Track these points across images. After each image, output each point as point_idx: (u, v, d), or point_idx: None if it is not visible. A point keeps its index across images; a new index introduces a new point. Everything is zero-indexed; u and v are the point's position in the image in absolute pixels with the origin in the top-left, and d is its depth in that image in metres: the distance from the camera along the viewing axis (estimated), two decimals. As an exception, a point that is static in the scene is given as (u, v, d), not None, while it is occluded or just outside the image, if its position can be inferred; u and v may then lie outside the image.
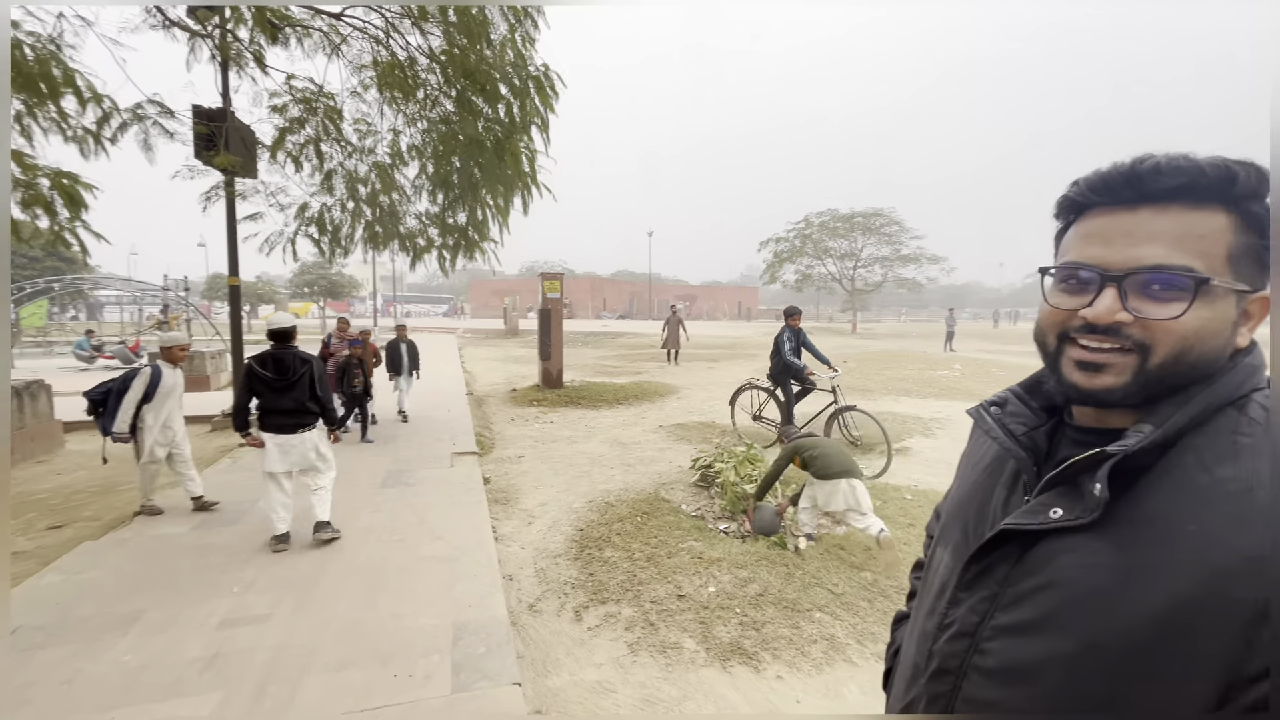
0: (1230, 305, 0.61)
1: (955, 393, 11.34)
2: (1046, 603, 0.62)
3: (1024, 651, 0.63)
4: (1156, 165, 0.62)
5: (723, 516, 4.53)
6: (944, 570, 0.78)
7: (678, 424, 8.10)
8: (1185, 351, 0.61)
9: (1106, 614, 0.57)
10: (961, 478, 0.87)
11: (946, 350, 21.85)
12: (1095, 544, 0.60)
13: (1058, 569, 0.62)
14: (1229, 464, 0.57)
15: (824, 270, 38.27)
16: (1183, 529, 0.56)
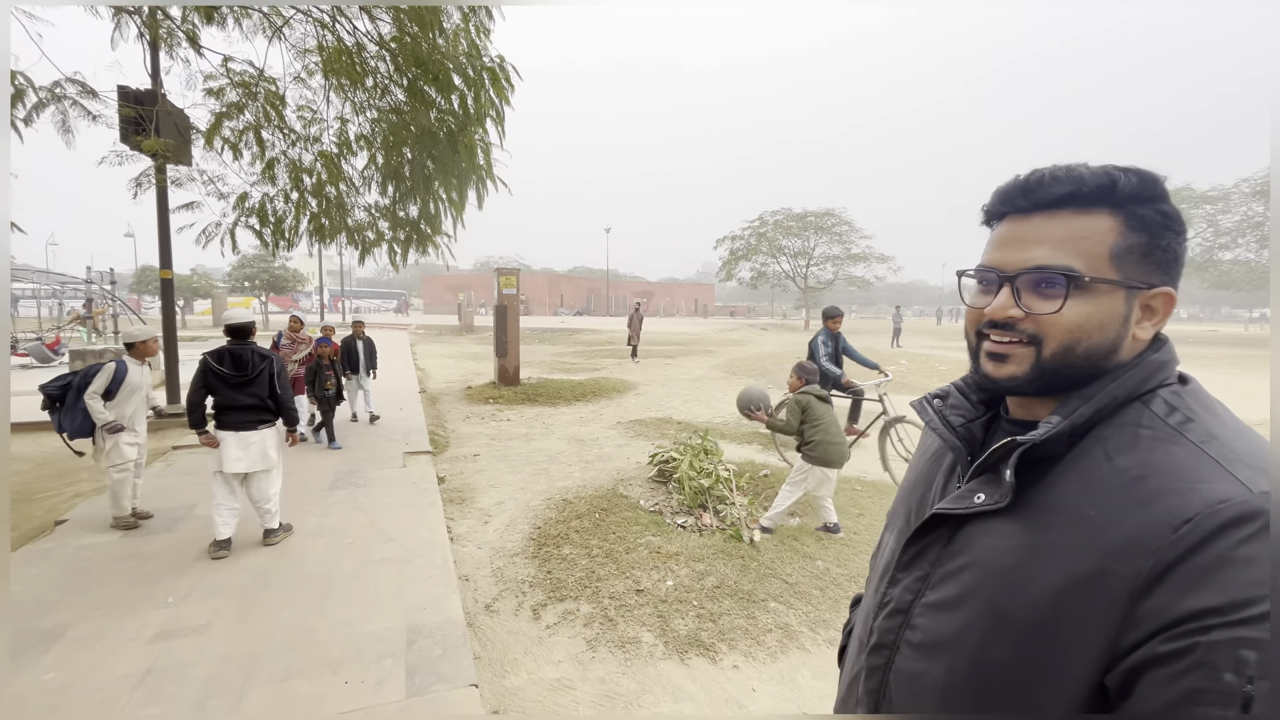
0: (1117, 301, 0.66)
1: (902, 388, 11.77)
2: (966, 581, 0.68)
3: (945, 626, 0.69)
4: (1043, 177, 0.68)
5: (680, 511, 4.58)
6: (888, 553, 0.84)
7: (636, 420, 8.13)
8: (1073, 343, 0.66)
9: (1014, 590, 0.62)
10: (912, 466, 0.92)
11: (894, 346, 22.69)
12: (1009, 527, 0.65)
13: (977, 550, 0.68)
14: (1128, 454, 0.61)
15: (778, 268, 39.04)
16: (1083, 513, 0.60)
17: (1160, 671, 0.52)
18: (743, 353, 19.22)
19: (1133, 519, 0.57)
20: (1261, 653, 0.48)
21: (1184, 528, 0.53)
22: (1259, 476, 0.55)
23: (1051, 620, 0.59)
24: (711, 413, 8.93)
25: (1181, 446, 0.60)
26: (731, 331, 31.76)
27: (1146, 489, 0.58)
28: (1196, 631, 0.50)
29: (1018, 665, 0.61)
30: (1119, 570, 0.55)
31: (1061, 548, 0.60)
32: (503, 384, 10.76)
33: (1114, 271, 0.66)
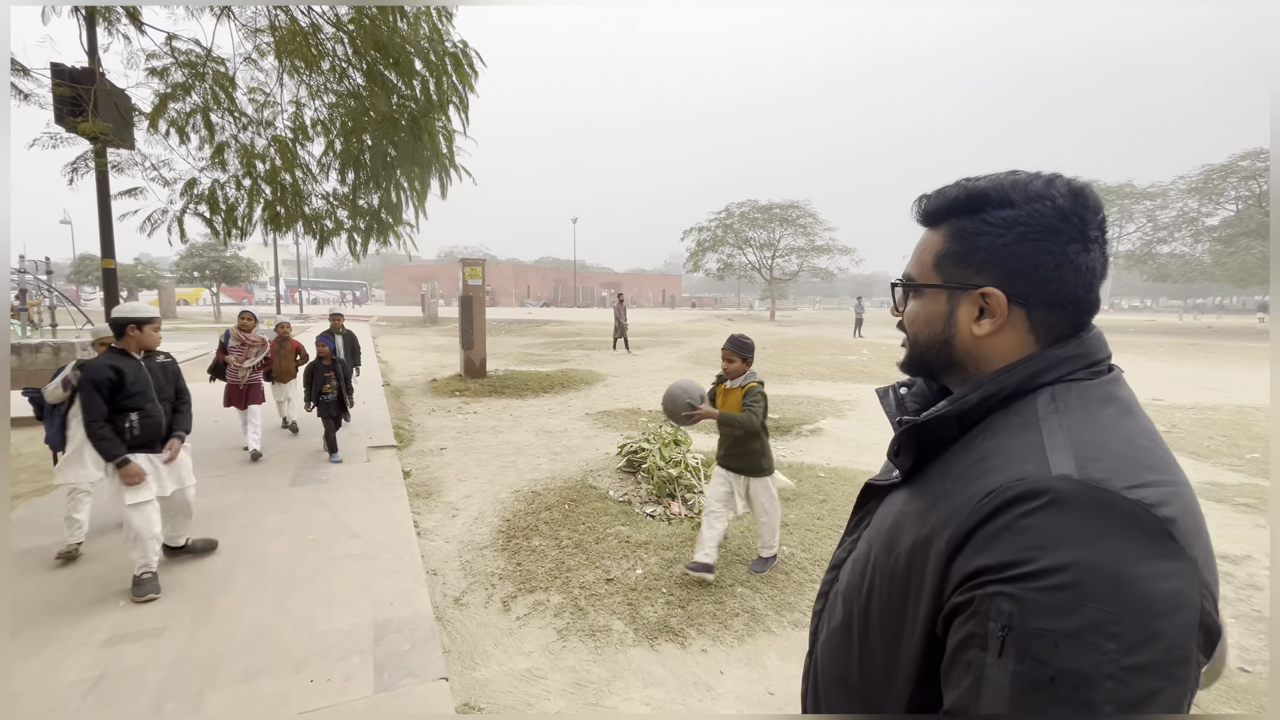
0: (939, 301, 0.77)
1: (863, 376, 12.10)
2: (868, 539, 0.81)
3: (853, 577, 0.81)
4: (919, 201, 0.82)
5: (649, 500, 4.62)
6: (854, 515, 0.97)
7: (604, 411, 8.14)
8: (915, 336, 0.81)
9: (889, 548, 0.74)
10: None
11: (856, 336, 23.20)
12: (899, 495, 0.78)
13: (880, 515, 0.81)
14: (994, 439, 0.68)
15: (744, 259, 39.43)
16: (939, 486, 0.71)
17: (955, 620, 0.61)
18: (709, 343, 19.39)
19: (960, 493, 0.66)
20: (1015, 605, 0.56)
21: (984, 499, 0.62)
22: (1067, 461, 0.60)
23: (905, 574, 0.70)
24: (679, 403, 9.01)
25: (1029, 433, 0.65)
26: (698, 322, 31.98)
27: (981, 468, 0.66)
28: (977, 586, 0.59)
29: (885, 610, 0.73)
30: (941, 534, 0.65)
31: (917, 515, 0.71)
32: (469, 376, 10.62)
33: (935, 276, 0.77)
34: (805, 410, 8.39)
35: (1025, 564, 0.57)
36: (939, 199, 0.78)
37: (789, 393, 9.96)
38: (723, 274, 39.44)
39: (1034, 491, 0.59)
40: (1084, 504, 0.58)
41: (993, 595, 0.57)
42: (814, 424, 7.57)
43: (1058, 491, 0.58)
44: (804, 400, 9.19)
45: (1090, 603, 0.54)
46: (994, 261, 0.72)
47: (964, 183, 0.77)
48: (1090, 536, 0.56)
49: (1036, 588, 0.55)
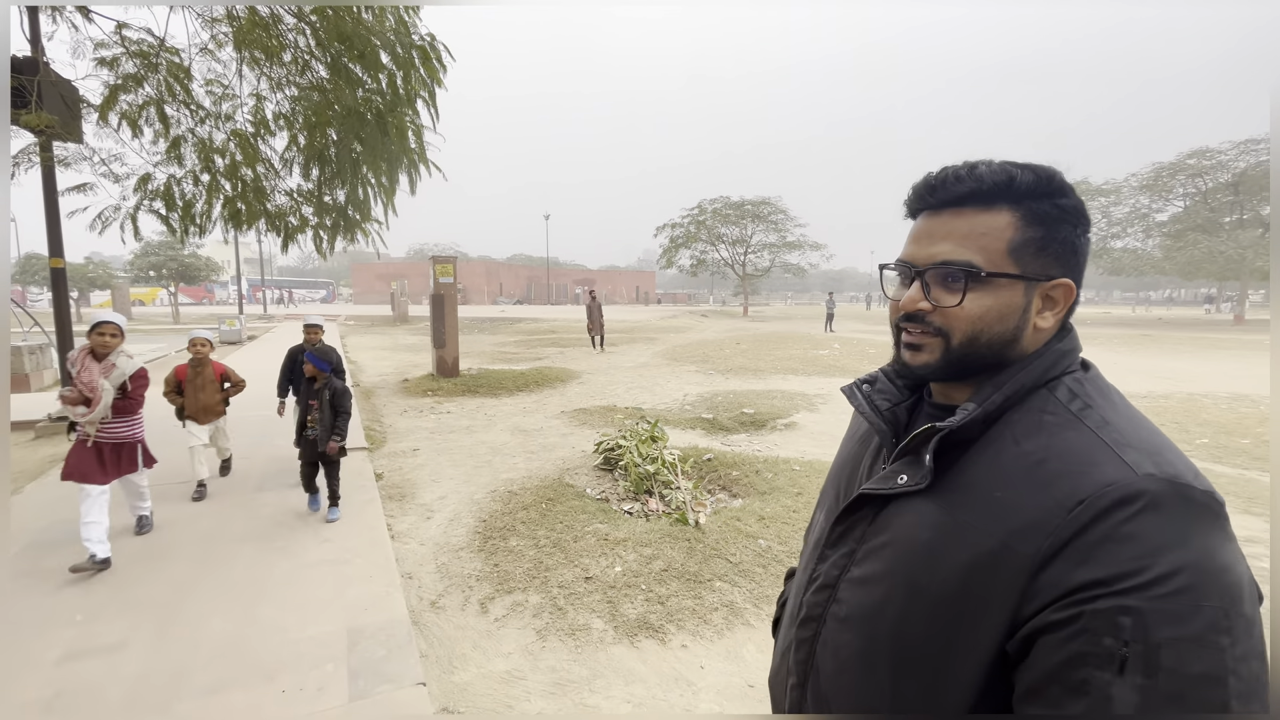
0: (1016, 293, 0.69)
1: (835, 370, 12.28)
2: (887, 557, 0.72)
3: (868, 599, 0.73)
4: (947, 176, 0.72)
5: (627, 497, 4.62)
6: (818, 530, 0.88)
7: (580, 409, 8.11)
8: (976, 334, 0.70)
9: (928, 566, 0.67)
10: (841, 447, 0.96)
11: (827, 331, 23.55)
12: (926, 506, 0.69)
13: (897, 528, 0.72)
14: (1033, 439, 0.66)
15: (717, 255, 39.67)
16: (991, 495, 0.65)
17: (1051, 637, 0.57)
18: (684, 339, 19.48)
19: (1034, 500, 0.61)
20: (1135, 619, 0.53)
21: (1077, 509, 0.58)
22: (1144, 459, 0.60)
23: (960, 594, 0.64)
24: (655, 399, 9.03)
25: (1078, 431, 0.65)
26: (672, 319, 32.10)
27: (1047, 471, 0.62)
28: (1083, 601, 0.55)
29: (930, 635, 0.66)
30: (1020, 548, 0.60)
31: (971, 527, 0.64)
32: (441, 376, 10.46)
33: (1012, 265, 0.69)
34: (779, 405, 8.48)
35: (1139, 573, 0.55)
36: (1000, 175, 0.69)
37: (764, 387, 10.06)
38: (696, 270, 39.62)
39: (1130, 496, 0.57)
40: (1175, 502, 0.57)
41: (1108, 610, 0.54)
42: (788, 418, 7.65)
43: (1152, 493, 0.57)
44: (778, 395, 9.29)
45: (1205, 603, 0.54)
46: (1068, 251, 0.71)
47: (1020, 164, 0.70)
48: (1187, 535, 0.56)
49: (1157, 596, 0.54)
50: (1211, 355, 14.94)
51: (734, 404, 8.43)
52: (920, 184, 0.75)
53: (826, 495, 0.91)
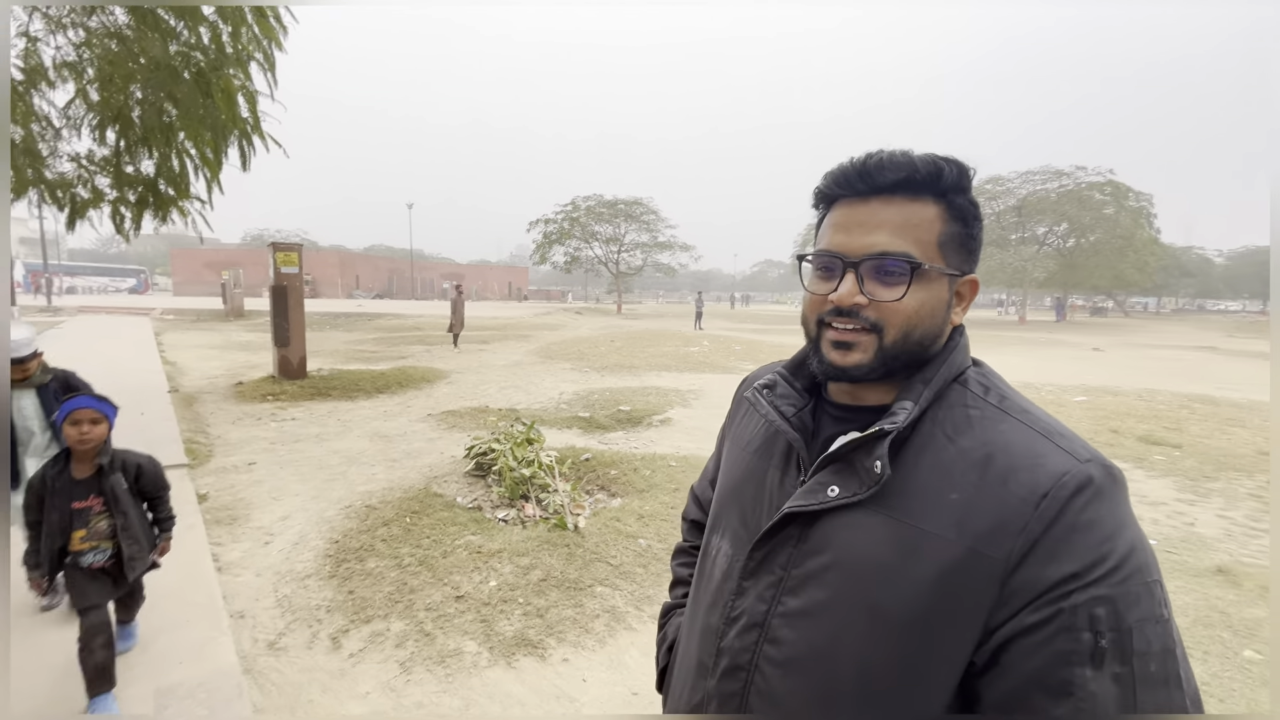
0: (943, 288, 0.68)
1: (705, 366, 12.80)
2: (833, 582, 0.64)
3: (815, 634, 0.64)
4: (881, 161, 0.67)
5: (501, 504, 4.38)
6: (724, 560, 0.77)
7: (449, 411, 7.62)
8: (911, 330, 0.67)
9: (891, 586, 0.61)
10: (731, 461, 0.86)
11: (696, 328, 24.56)
12: (871, 519, 0.63)
13: (841, 546, 0.64)
14: (966, 434, 0.64)
15: (591, 253, 39.77)
16: (945, 498, 0.61)
17: (1028, 640, 0.55)
18: (558, 337, 19.24)
19: (994, 500, 0.58)
20: (1108, 608, 0.53)
21: (1043, 503, 0.56)
22: (1077, 446, 0.61)
23: (928, 611, 0.59)
24: (530, 399, 8.76)
25: (1009, 424, 0.63)
26: (546, 316, 31.64)
27: (998, 468, 0.60)
28: (1060, 598, 0.54)
29: (900, 663, 0.60)
30: (990, 553, 0.57)
31: (933, 536, 0.60)
32: (285, 378, 9.29)
33: (941, 259, 0.67)
34: (654, 401, 8.62)
35: (1104, 561, 0.54)
36: (932, 166, 0.66)
37: (639, 384, 10.19)
38: (570, 267, 39.42)
39: (1082, 483, 0.57)
40: (1112, 484, 0.59)
41: (1085, 603, 0.53)
42: (663, 414, 7.79)
43: (1097, 479, 0.58)
44: (653, 391, 9.45)
45: (1150, 578, 0.56)
46: (977, 247, 0.72)
47: (944, 157, 0.68)
48: (1126, 515, 0.58)
49: (1120, 581, 0.54)
50: (1000, 349, 17.75)
51: (610, 401, 8.42)
52: (848, 169, 0.69)
53: (727, 519, 0.80)
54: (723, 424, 0.99)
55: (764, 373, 0.85)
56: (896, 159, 0.67)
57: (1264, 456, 6.02)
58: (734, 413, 0.94)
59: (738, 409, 0.93)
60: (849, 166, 0.69)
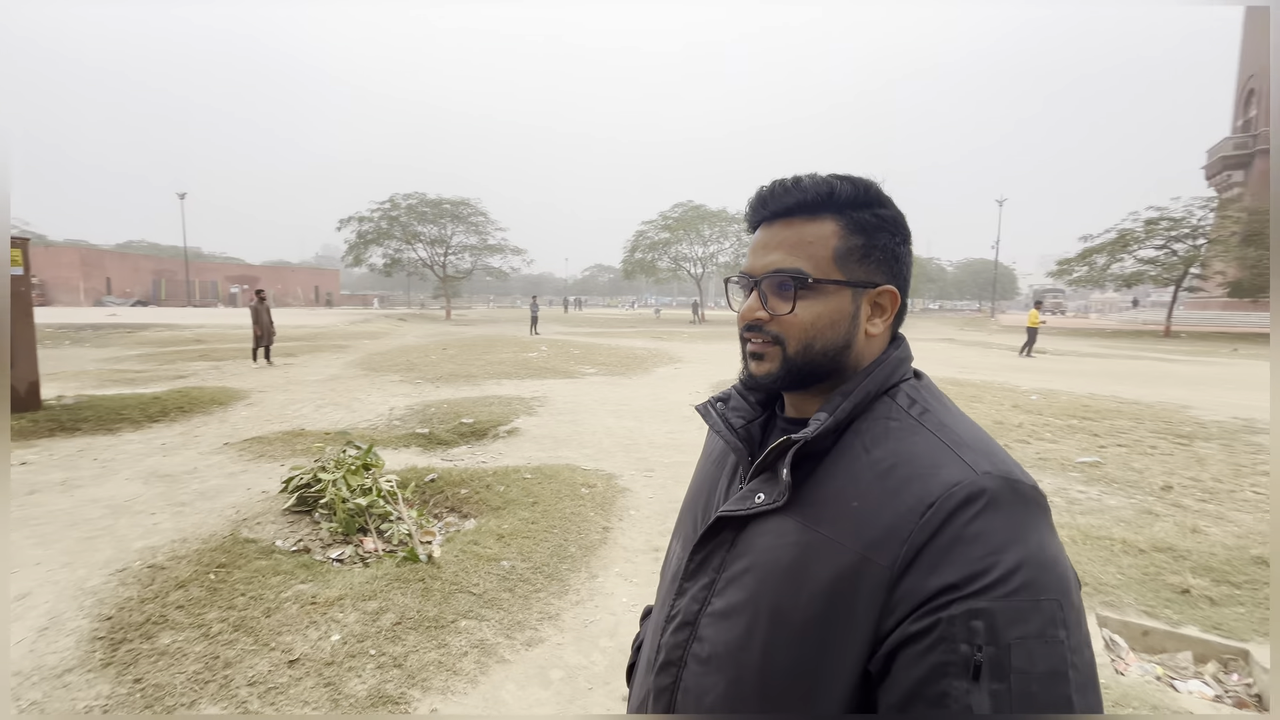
0: (845, 300, 0.71)
1: (546, 372, 12.64)
2: (748, 584, 0.67)
3: (730, 634, 0.67)
4: (775, 189, 0.74)
5: (334, 542, 3.83)
6: (675, 561, 0.82)
7: (254, 438, 6.50)
8: (811, 341, 0.71)
9: (792, 589, 0.63)
10: (696, 472, 0.91)
11: (532, 333, 24.22)
12: (785, 525, 0.67)
13: (759, 550, 0.68)
14: (881, 445, 0.66)
15: (415, 255, 37.12)
16: (848, 506, 0.63)
17: (911, 650, 0.55)
18: (382, 346, 17.66)
19: (888, 508, 0.60)
20: (986, 621, 0.53)
21: (928, 512, 0.58)
22: (980, 458, 0.62)
23: (824, 616, 0.60)
24: (355, 416, 7.86)
25: (921, 435, 0.66)
26: (365, 323, 28.77)
27: (896, 477, 0.62)
28: (939, 608, 0.54)
29: (797, 665, 0.61)
30: (879, 560, 0.58)
31: (832, 541, 0.62)
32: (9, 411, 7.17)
33: (838, 272, 0.71)
34: (498, 411, 8.27)
35: (986, 573, 0.54)
36: (823, 187, 0.71)
37: (479, 394, 9.71)
38: (390, 270, 36.34)
39: (973, 495, 0.58)
40: (1010, 498, 0.59)
41: (962, 615, 0.53)
42: (509, 424, 7.51)
43: (991, 490, 0.58)
44: (495, 400, 9.07)
45: (1042, 597, 0.54)
46: (889, 258, 0.74)
47: (841, 176, 0.73)
48: (1024, 530, 0.57)
49: (1002, 595, 0.53)
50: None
51: (450, 414, 7.90)
52: (754, 198, 0.76)
53: (684, 524, 0.86)
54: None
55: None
56: (786, 185, 0.73)
57: (999, 425, 7.60)
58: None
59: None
60: (755, 196, 0.76)
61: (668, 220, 44.45)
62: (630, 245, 46.60)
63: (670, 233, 44.58)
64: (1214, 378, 13.18)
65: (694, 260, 46.39)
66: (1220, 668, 2.82)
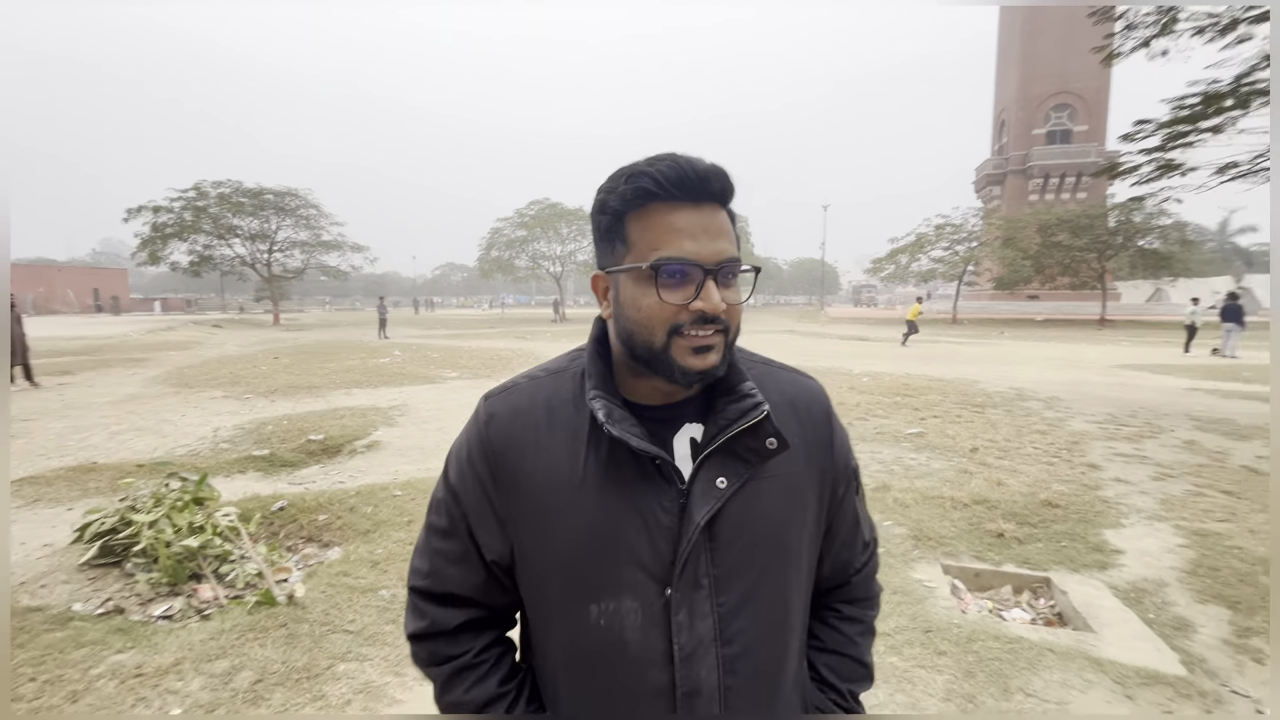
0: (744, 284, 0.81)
1: (403, 378, 11.74)
2: (756, 555, 0.74)
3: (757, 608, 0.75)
4: (711, 171, 0.69)
5: (158, 596, 3.19)
6: (633, 617, 0.71)
7: (25, 479, 5.20)
8: (739, 326, 0.74)
9: (798, 527, 0.79)
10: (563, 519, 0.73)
11: (381, 337, 22.37)
12: (761, 484, 0.75)
13: (755, 521, 0.74)
14: (775, 388, 0.80)
15: (230, 252, 32.34)
16: (792, 443, 0.75)
17: (844, 495, 0.86)
18: (194, 358, 15.20)
19: (811, 430, 0.81)
20: (855, 466, 0.89)
21: (830, 421, 0.84)
22: (799, 371, 0.88)
23: (808, 519, 0.80)
24: (168, 443, 6.63)
25: (781, 370, 0.86)
26: (168, 331, 24.42)
27: (803, 405, 0.82)
28: (851, 472, 0.87)
29: (805, 565, 0.81)
30: (828, 465, 0.83)
31: (798, 474, 0.78)
32: None
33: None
34: (352, 424, 7.50)
35: (847, 439, 0.88)
36: (729, 179, 0.71)
37: (326, 406, 8.73)
38: (199, 268, 31.26)
39: (825, 394, 0.87)
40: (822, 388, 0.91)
41: (853, 469, 0.89)
42: (367, 438, 6.84)
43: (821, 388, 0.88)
44: (346, 413, 8.21)
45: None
46: None
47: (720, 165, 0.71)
48: None
49: (851, 450, 0.90)
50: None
51: (293, 431, 7.00)
52: (686, 172, 0.67)
53: (605, 578, 0.72)
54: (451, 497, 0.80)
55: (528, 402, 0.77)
56: (718, 169, 0.70)
57: (841, 406, 8.50)
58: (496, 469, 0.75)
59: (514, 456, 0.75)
60: (685, 170, 0.67)
61: (524, 218, 43.58)
62: (486, 243, 44.97)
63: (528, 230, 43.75)
64: (990, 356, 16.02)
65: (553, 259, 45.99)
66: (1031, 595, 3.41)
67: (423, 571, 0.82)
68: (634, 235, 0.70)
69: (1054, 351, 17.62)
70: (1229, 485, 4.89)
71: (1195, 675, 2.55)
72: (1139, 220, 28.56)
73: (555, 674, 0.78)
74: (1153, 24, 6.79)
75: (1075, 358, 15.72)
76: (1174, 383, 10.89)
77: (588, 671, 0.75)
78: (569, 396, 0.77)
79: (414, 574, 0.83)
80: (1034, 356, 16.12)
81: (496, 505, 0.76)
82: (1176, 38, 6.77)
